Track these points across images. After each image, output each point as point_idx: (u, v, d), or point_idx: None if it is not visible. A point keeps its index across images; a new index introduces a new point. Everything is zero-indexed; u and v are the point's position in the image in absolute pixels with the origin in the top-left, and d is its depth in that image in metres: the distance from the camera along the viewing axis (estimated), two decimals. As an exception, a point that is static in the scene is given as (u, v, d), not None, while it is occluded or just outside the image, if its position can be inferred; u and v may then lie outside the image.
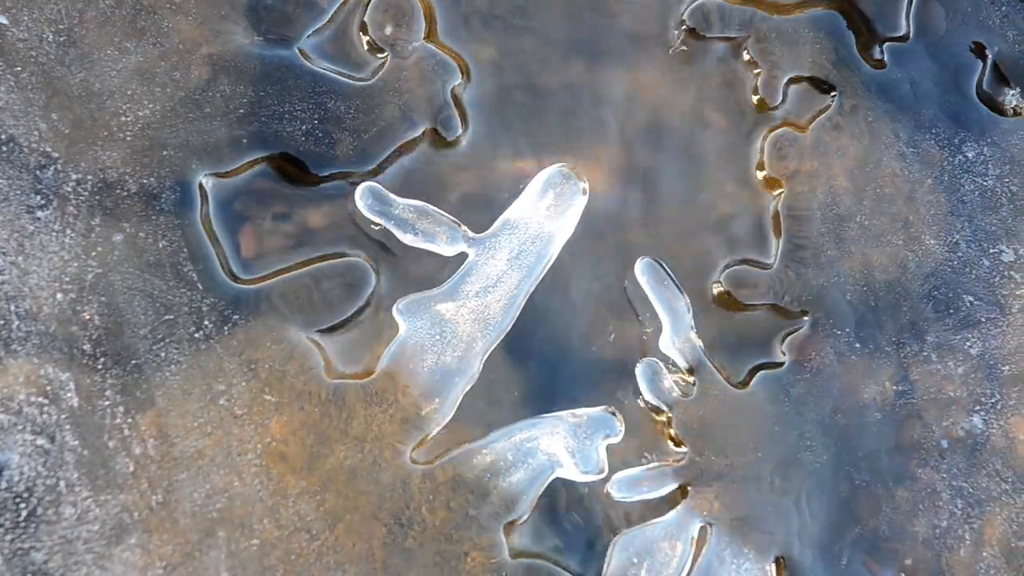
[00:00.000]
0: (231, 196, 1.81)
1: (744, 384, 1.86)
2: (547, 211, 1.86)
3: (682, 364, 1.85)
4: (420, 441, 1.75)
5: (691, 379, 1.84)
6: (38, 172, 1.70)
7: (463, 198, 1.90)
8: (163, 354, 1.69)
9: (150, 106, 1.77)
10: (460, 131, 1.90)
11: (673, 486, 1.80)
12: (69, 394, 1.64)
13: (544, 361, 1.86)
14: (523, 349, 1.85)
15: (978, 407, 1.87)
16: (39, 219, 1.68)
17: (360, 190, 1.82)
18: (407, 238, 1.82)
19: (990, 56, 2.04)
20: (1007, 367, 1.90)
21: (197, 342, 1.71)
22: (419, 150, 1.90)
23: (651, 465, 1.81)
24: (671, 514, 1.79)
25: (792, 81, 1.99)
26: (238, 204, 1.81)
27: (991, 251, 1.94)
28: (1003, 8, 2.05)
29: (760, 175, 1.96)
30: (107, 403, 1.65)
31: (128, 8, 1.80)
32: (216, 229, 1.79)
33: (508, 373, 1.84)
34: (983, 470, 1.85)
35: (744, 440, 1.82)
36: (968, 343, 1.89)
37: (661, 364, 1.85)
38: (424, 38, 1.92)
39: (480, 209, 1.89)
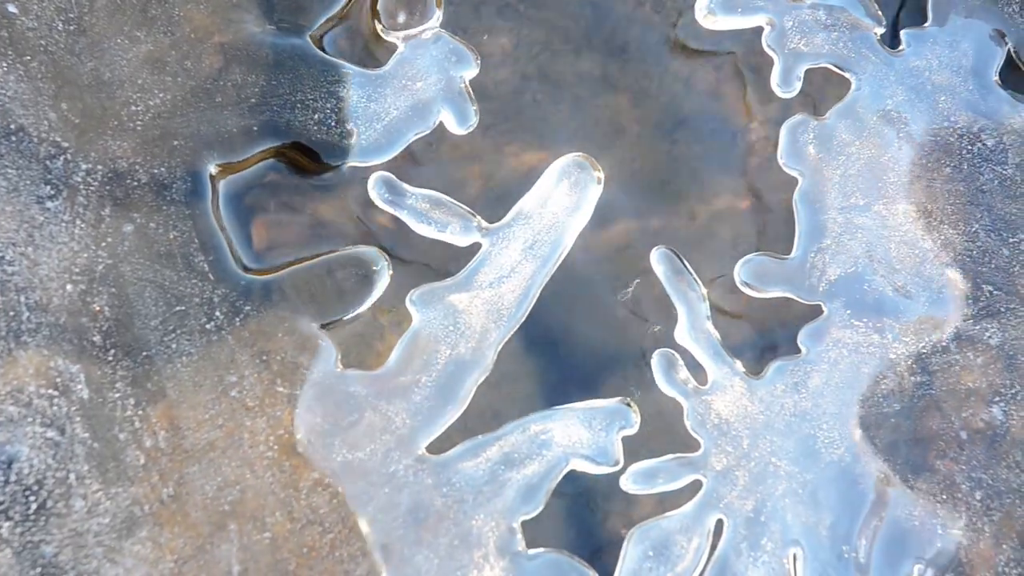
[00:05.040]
0: (242, 186, 1.75)
1: (761, 375, 1.78)
2: (562, 201, 1.79)
3: (698, 355, 1.78)
4: (433, 433, 1.68)
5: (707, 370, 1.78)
6: (48, 162, 1.64)
7: (476, 188, 1.84)
8: (174, 345, 1.63)
9: (161, 95, 1.71)
10: (474, 121, 1.83)
11: (689, 478, 1.72)
12: (79, 386, 1.57)
13: (558, 352, 1.80)
14: (537, 340, 1.79)
15: (998, 398, 1.80)
16: (49, 209, 1.63)
17: (373, 180, 1.77)
18: (420, 228, 1.77)
19: (1009, 44, 1.97)
20: (1027, 358, 1.83)
21: (208, 333, 1.65)
22: (432, 140, 1.84)
23: (667, 457, 1.73)
24: (687, 506, 1.71)
25: (809, 69, 1.92)
26: (249, 194, 1.75)
27: (1011, 240, 1.87)
28: (1024, -6, 1.99)
29: (777, 164, 1.89)
30: (118, 395, 1.59)
31: (138, -4, 1.74)
32: (227, 220, 1.73)
33: (522, 364, 1.78)
34: (1003, 461, 1.78)
35: (761, 431, 1.75)
36: (988, 334, 1.82)
37: (677, 355, 1.78)
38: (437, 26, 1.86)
39: (494, 199, 1.83)
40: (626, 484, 1.72)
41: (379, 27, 1.85)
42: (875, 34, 1.94)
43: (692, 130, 1.92)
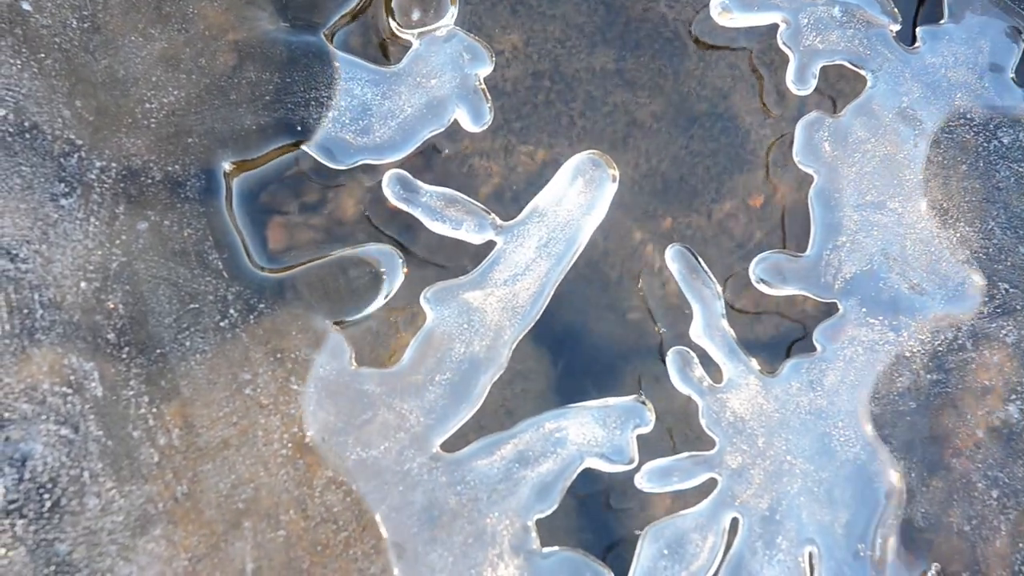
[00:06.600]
0: (257, 184, 1.73)
1: (776, 373, 1.75)
2: (576, 199, 1.76)
3: (713, 353, 1.75)
4: (447, 431, 1.66)
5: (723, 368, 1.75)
6: (62, 160, 1.62)
7: (491, 186, 1.82)
8: (188, 343, 1.61)
9: (175, 93, 1.69)
10: (489, 118, 1.80)
11: (704, 476, 1.70)
12: (93, 384, 1.55)
13: (573, 350, 1.78)
14: (552, 338, 1.77)
15: (1014, 396, 1.77)
16: (63, 207, 1.60)
17: (387, 177, 1.74)
18: (435, 226, 1.74)
19: (1026, 40, 1.95)
20: (1044, 356, 1.80)
21: (222, 331, 1.63)
22: (446, 138, 1.81)
23: (682, 455, 1.71)
24: (702, 505, 1.68)
25: (825, 66, 1.89)
26: (264, 192, 1.73)
27: (1027, 238, 1.84)
28: (1041, -10, 1.96)
29: (792, 161, 1.86)
30: (131, 393, 1.57)
31: (152, -7, 1.72)
32: (241, 217, 1.70)
33: (536, 362, 1.76)
34: (1019, 460, 1.75)
35: (776, 430, 1.72)
36: (1004, 331, 1.79)
37: (692, 353, 1.75)
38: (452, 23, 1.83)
39: (508, 197, 1.81)
40: (641, 482, 1.69)
41: (393, 24, 1.82)
42: (891, 31, 1.91)
43: (707, 127, 1.90)
